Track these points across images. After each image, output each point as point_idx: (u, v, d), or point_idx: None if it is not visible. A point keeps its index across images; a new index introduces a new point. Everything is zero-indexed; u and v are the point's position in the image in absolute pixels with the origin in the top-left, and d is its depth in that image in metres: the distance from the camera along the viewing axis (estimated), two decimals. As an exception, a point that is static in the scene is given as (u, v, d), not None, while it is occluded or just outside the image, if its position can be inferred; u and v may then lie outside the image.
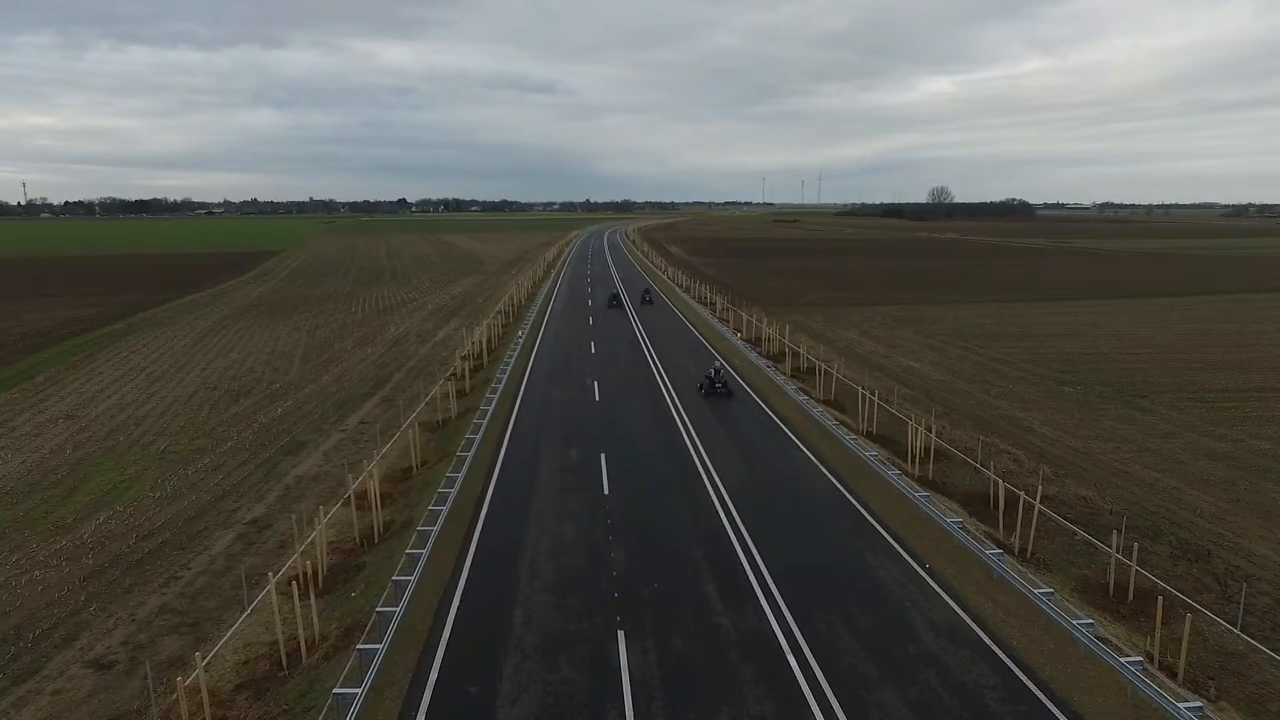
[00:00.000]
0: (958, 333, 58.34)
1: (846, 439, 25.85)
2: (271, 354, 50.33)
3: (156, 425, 33.71)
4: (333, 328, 61.56)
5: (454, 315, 67.99)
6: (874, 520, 20.29)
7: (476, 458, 24.22)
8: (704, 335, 51.52)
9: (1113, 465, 28.67)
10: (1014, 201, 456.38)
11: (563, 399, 33.32)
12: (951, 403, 37.52)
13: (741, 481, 23.13)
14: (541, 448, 26.25)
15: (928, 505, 19.75)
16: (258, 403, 37.69)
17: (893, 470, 22.58)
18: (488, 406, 30.12)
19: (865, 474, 23.44)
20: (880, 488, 22.19)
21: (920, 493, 20.51)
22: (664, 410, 31.66)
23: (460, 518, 20.24)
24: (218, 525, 22.67)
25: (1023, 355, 49.16)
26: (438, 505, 19.95)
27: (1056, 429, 33.53)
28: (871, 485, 22.61)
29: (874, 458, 23.67)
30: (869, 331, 59.68)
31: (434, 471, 24.10)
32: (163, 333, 59.47)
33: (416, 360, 47.37)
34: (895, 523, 20.04)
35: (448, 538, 18.91)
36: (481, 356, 43.64)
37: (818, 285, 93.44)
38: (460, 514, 20.41)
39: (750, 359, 42.42)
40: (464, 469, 22.55)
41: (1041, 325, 62.52)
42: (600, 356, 43.32)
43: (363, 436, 31.38)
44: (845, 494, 22.17)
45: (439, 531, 18.39)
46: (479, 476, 23.05)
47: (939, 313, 70.27)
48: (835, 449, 25.86)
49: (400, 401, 36.86)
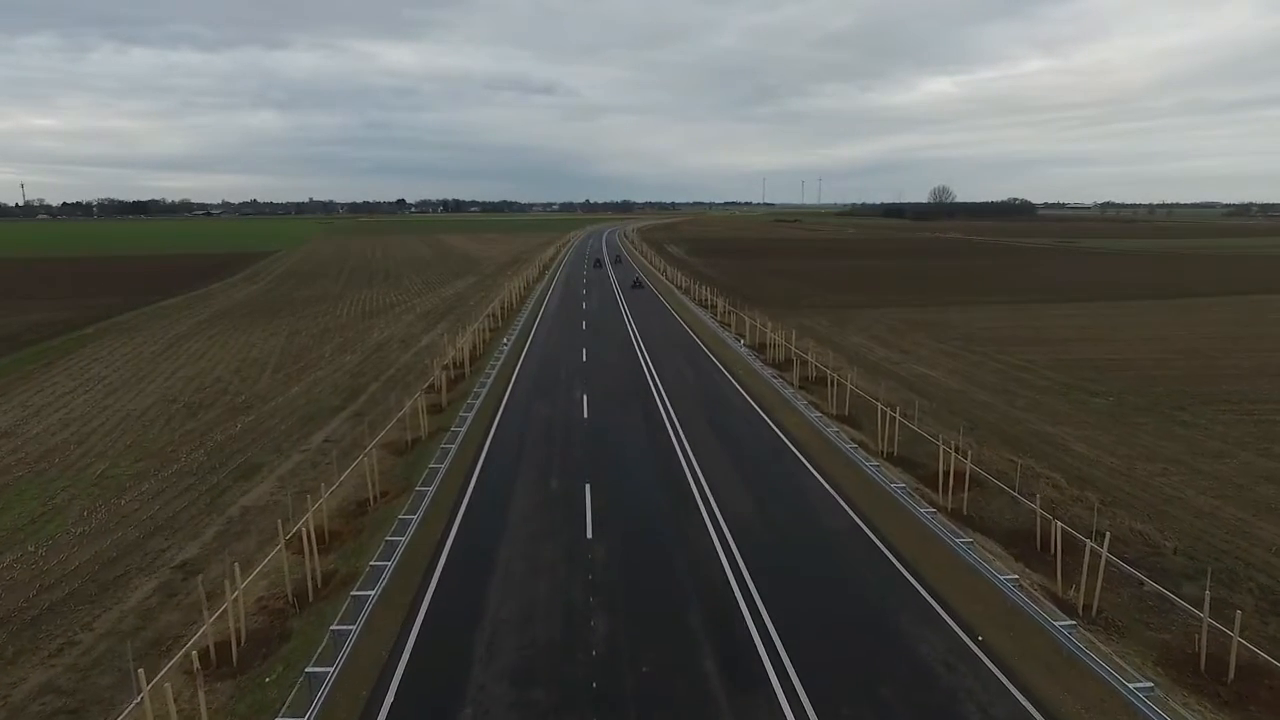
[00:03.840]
0: (971, 337, 55.21)
1: (867, 465, 22.68)
2: (243, 362, 47.18)
3: (100, 444, 30.56)
4: (314, 333, 58.42)
5: (442, 319, 64.85)
6: (907, 572, 17.01)
7: (441, 490, 20.89)
8: (704, 341, 48.36)
9: (1163, 491, 25.52)
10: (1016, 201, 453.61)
11: (547, 416, 30.05)
12: (974, 416, 34.38)
13: (748, 520, 19.88)
14: (518, 478, 22.91)
15: (970, 553, 16.58)
16: (217, 417, 34.54)
17: (925, 508, 19.33)
18: (461, 426, 26.88)
19: (891, 509, 20.18)
20: (910, 527, 18.93)
21: (961, 538, 17.29)
22: (660, 429, 28.43)
23: (410, 572, 16.78)
24: (140, 570, 19.53)
25: (1044, 362, 46.01)
26: (382, 560, 16.57)
27: (1093, 447, 30.38)
28: (899, 523, 19.35)
29: (901, 490, 20.45)
30: (878, 335, 56.54)
31: (392, 506, 20.89)
32: (133, 338, 56.30)
33: (396, 369, 44.22)
34: (933, 574, 16.78)
35: (390, 603, 15.45)
36: (464, 365, 40.43)
37: (821, 286, 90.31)
38: (412, 566, 16.99)
39: (754, 367, 39.26)
40: (423, 506, 19.26)
41: (1059, 328, 59.38)
42: (592, 365, 40.10)
43: (324, 458, 28.22)
44: (870, 536, 18.90)
45: (376, 598, 14.90)
46: (441, 515, 19.69)
47: (950, 315, 67.14)
48: (854, 477, 22.66)
49: (372, 416, 33.71)
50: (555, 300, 69.26)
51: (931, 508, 19.86)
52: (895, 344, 53.01)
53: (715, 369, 39.65)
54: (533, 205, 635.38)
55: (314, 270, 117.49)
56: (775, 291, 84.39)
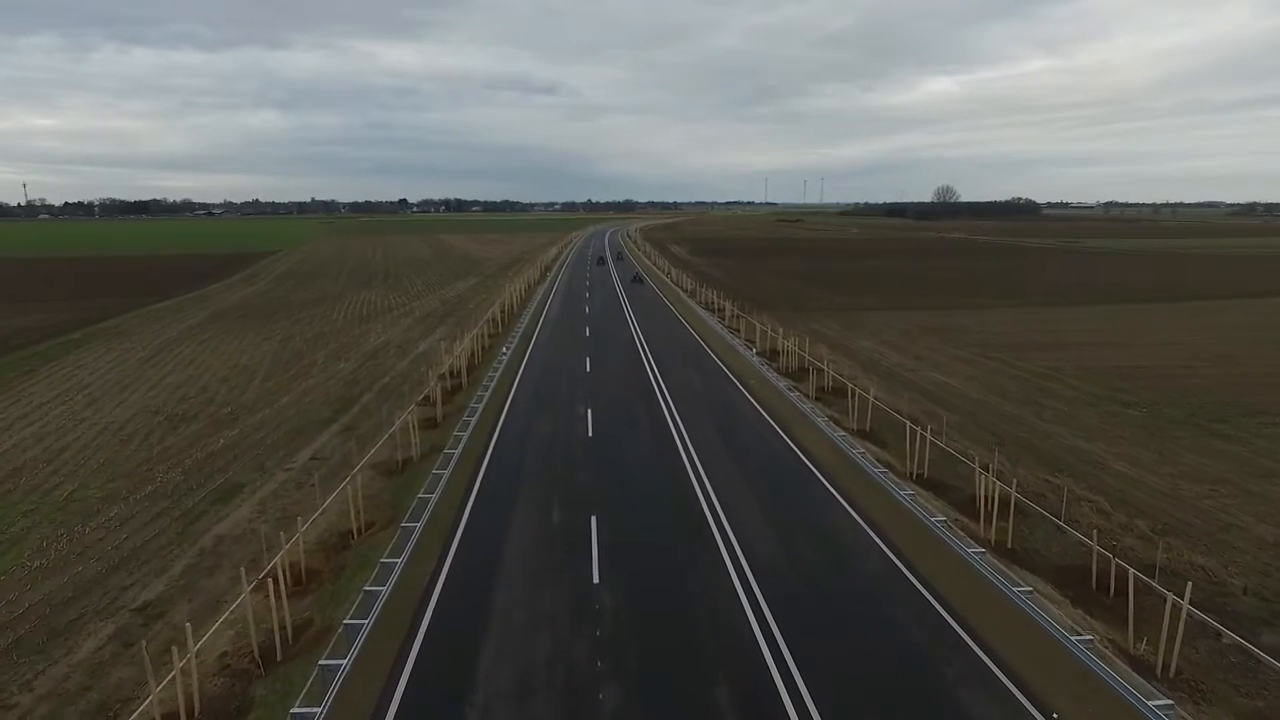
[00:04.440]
0: (987, 342, 53.21)
1: (900, 493, 20.65)
2: (233, 369, 45.26)
3: (72, 462, 28.64)
4: (308, 337, 56.51)
5: (441, 323, 62.96)
6: (961, 629, 14.76)
7: (430, 526, 18.76)
8: (712, 348, 46.38)
9: (1216, 516, 23.54)
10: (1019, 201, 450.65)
11: (549, 434, 27.90)
12: (1001, 430, 32.40)
13: (773, 561, 17.74)
14: (516, 508, 20.77)
15: (1031, 606, 14.55)
16: (200, 431, 32.62)
17: (971, 547, 17.25)
18: (455, 447, 24.82)
19: (932, 547, 18.03)
20: (956, 570, 16.77)
21: (1020, 587, 15.23)
22: (670, 450, 26.32)
23: (390, 634, 14.43)
24: (97, 613, 17.60)
25: (1067, 369, 44.01)
26: (359, 617, 14.36)
27: (1132, 464, 28.40)
28: (944, 565, 17.23)
29: (941, 524, 18.42)
30: (890, 341, 54.56)
31: (377, 540, 18.93)
32: (121, 343, 54.40)
33: (391, 377, 42.28)
34: (990, 631, 14.56)
35: (365, 671, 13.10)
36: (461, 375, 38.44)
37: (828, 288, 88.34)
38: (393, 622, 14.76)
39: (767, 377, 37.26)
40: (409, 547, 17.20)
41: (1076, 333, 57.38)
42: (595, 376, 38.03)
43: (310, 478, 26.28)
44: (913, 582, 16.70)
45: (348, 669, 12.64)
46: (429, 555, 17.54)
47: (962, 319, 65.15)
48: (885, 506, 20.62)
49: (363, 430, 31.81)
50: (557, 304, 67.26)
51: (976, 545, 17.83)
52: (909, 349, 51.05)
53: (726, 379, 37.65)
54: (534, 205, 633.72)
55: (313, 271, 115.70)
56: (782, 294, 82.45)
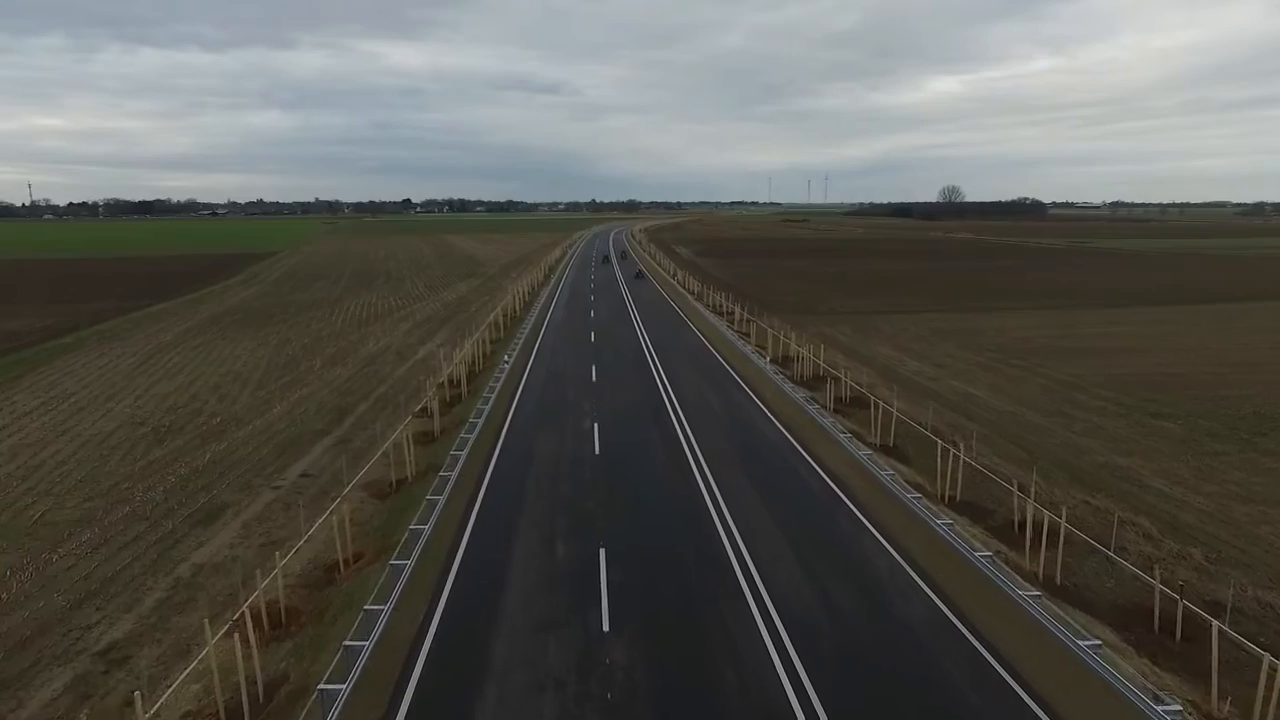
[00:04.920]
0: (1007, 348, 51.45)
1: (937, 523, 18.89)
2: (225, 376, 43.70)
3: (49, 479, 27.07)
4: (304, 342, 54.96)
5: (443, 326, 61.39)
6: (1026, 694, 12.75)
7: (424, 559, 16.99)
8: (723, 355, 44.69)
9: (1273, 543, 21.82)
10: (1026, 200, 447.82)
11: (553, 453, 26.05)
12: (1031, 444, 30.66)
13: (805, 608, 15.71)
14: (517, 540, 18.91)
15: (1102, 662, 12.79)
16: (186, 444, 31.03)
17: (1024, 590, 15.40)
18: (453, 468, 23.01)
19: (978, 586, 15.99)
20: (1009, 615, 14.58)
21: (1088, 640, 13.45)
22: (683, 470, 24.45)
23: (372, 696, 12.57)
24: (55, 658, 16.00)
25: (1092, 377, 42.25)
26: (336, 682, 12.52)
27: (1174, 483, 26.67)
28: (994, 609, 15.12)
29: (987, 560, 16.67)
30: (906, 346, 52.84)
31: (364, 578, 17.22)
32: (111, 349, 52.90)
33: (389, 385, 40.67)
34: (1060, 697, 12.38)
35: None
36: (461, 385, 36.77)
37: (837, 290, 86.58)
38: (376, 682, 12.87)
39: (781, 387, 35.54)
40: (400, 584, 15.49)
41: (1096, 338, 55.57)
42: (602, 386, 36.23)
43: (299, 497, 24.69)
44: (965, 635, 14.64)
45: None
46: (421, 596, 15.69)
47: (977, 322, 63.41)
48: (922, 537, 18.79)
49: (357, 443, 30.20)
50: (561, 308, 65.55)
51: (1026, 583, 16.12)
52: (927, 355, 49.33)
53: (739, 389, 35.91)
54: (538, 205, 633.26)
55: (314, 272, 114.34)
56: (791, 296, 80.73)
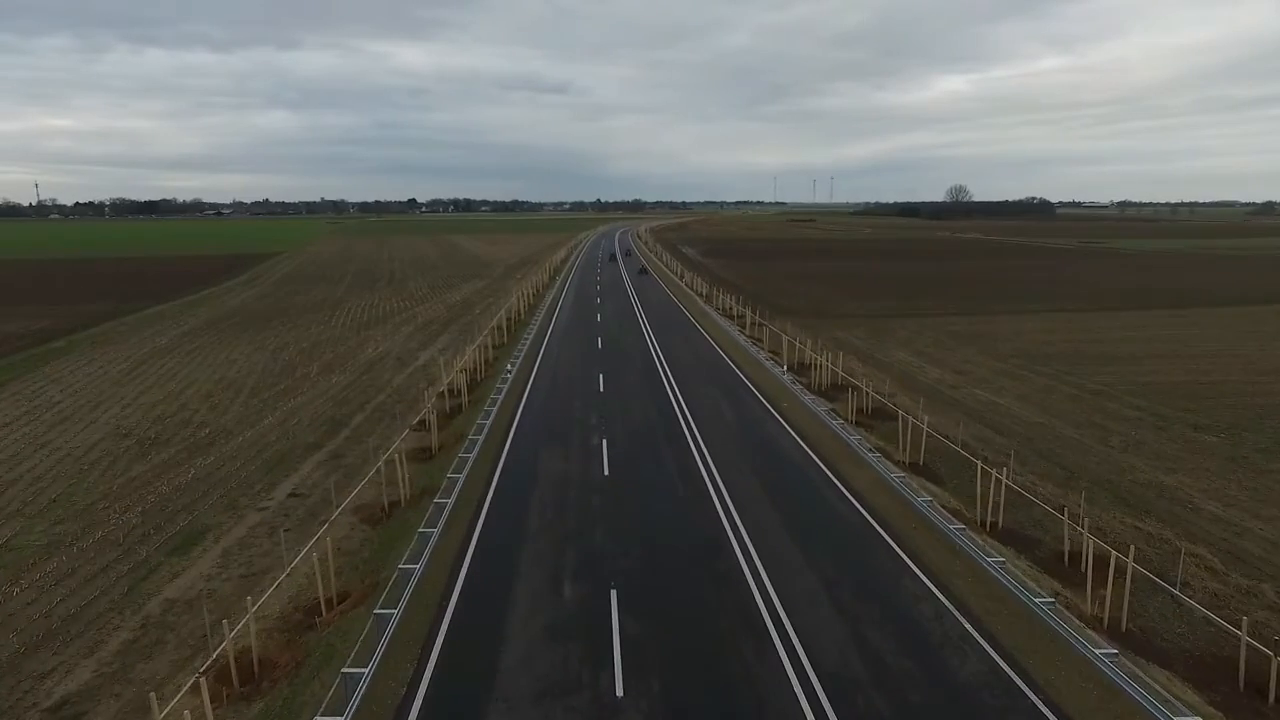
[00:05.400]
0: (1028, 353, 49.52)
1: (987, 560, 16.99)
2: (218, 383, 42.05)
3: (21, 498, 25.41)
4: (303, 346, 53.31)
5: (445, 330, 59.69)
6: None
7: (413, 606, 15.08)
8: (736, 362, 42.88)
9: (1348, 577, 19.92)
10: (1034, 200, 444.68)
11: (559, 474, 24.15)
12: (1066, 460, 28.78)
13: (847, 667, 13.72)
14: (519, 580, 16.98)
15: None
16: (171, 458, 29.36)
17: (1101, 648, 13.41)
18: (450, 493, 21.13)
19: (1042, 639, 13.79)
20: (1083, 677, 12.53)
21: (1187, 717, 11.64)
22: (702, 495, 22.54)
23: None
24: (3, 712, 14.29)
25: (1124, 386, 40.32)
26: None
27: (1227, 504, 24.76)
28: (1064, 669, 13.02)
29: (1048, 607, 14.78)
30: (924, 351, 50.93)
31: (347, 624, 15.45)
32: (103, 353, 51.33)
33: (387, 394, 38.96)
34: None
35: None
36: (462, 394, 34.98)
37: (849, 292, 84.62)
38: None
39: (800, 398, 33.68)
40: (384, 641, 13.61)
41: (1121, 343, 53.57)
42: (610, 397, 34.29)
43: (286, 520, 22.99)
44: (1028, 694, 12.76)
45: None
46: (407, 655, 13.72)
47: (996, 326, 61.43)
48: (971, 577, 16.72)
49: (351, 459, 28.49)
50: (567, 312, 63.70)
51: (1101, 639, 14.19)
52: (946, 362, 47.40)
53: (755, 400, 34.06)
54: (544, 205, 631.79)
55: (316, 273, 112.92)
56: (801, 298, 78.85)
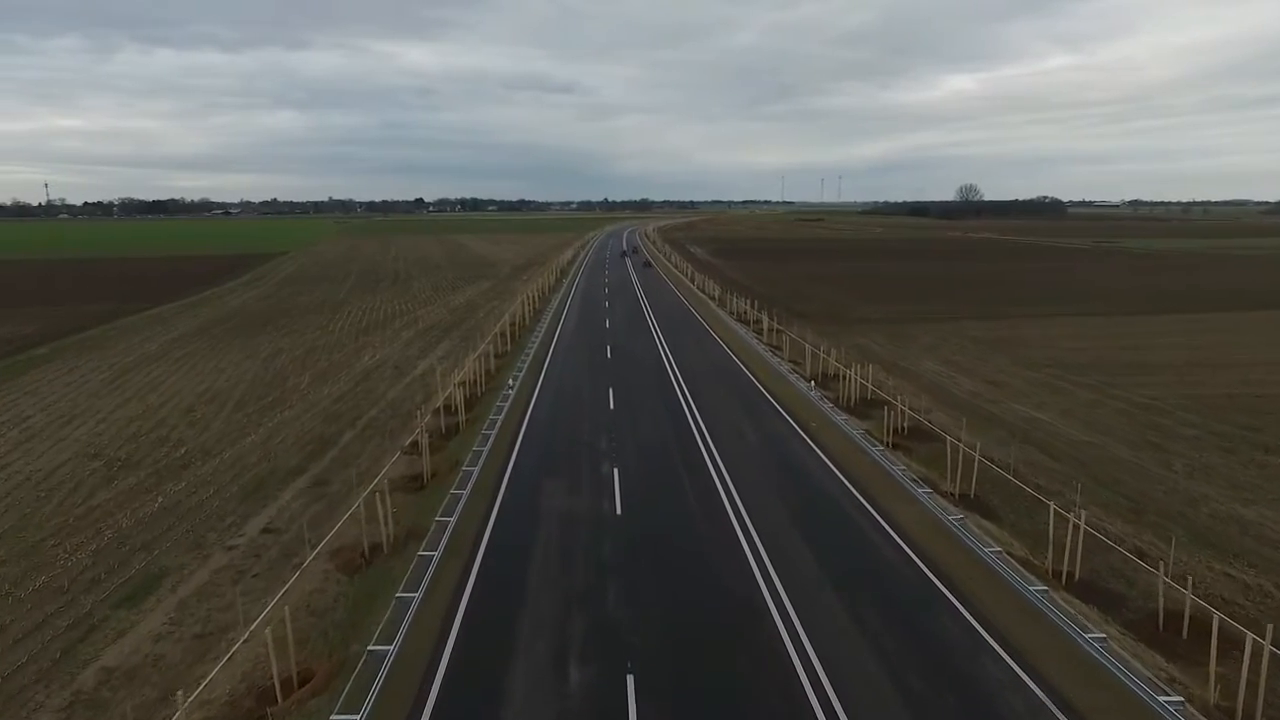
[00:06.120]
0: (1062, 362, 46.53)
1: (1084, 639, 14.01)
2: (202, 395, 39.49)
3: (-34, 532, 22.83)
4: (297, 353, 50.75)
5: (447, 335, 57.07)
6: None
7: (386, 693, 12.44)
8: (755, 374, 40.07)
9: None
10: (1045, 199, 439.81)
11: (565, 513, 21.15)
12: (1128, 489, 25.88)
13: None
14: (515, 657, 14.00)
15: None
16: (140, 484, 26.75)
17: None
18: (438, 542, 18.16)
19: None
20: None
21: None
22: (731, 542, 19.46)
23: None
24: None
25: (1173, 399, 37.35)
26: None
27: (1320, 545, 21.85)
28: None
29: (1177, 709, 11.99)
30: (951, 359, 47.98)
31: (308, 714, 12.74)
32: (88, 360, 48.87)
33: (381, 408, 36.30)
34: None
35: None
36: (459, 412, 32.20)
37: (865, 294, 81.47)
38: None
39: (829, 416, 30.76)
40: None
41: (1159, 349, 50.52)
42: (622, 416, 31.35)
43: (257, 561, 20.33)
44: None
45: None
46: None
47: (1024, 331, 58.38)
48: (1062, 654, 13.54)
49: (335, 487, 25.80)
50: (573, 317, 60.86)
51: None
52: (977, 371, 44.48)
53: (779, 419, 31.17)
54: (551, 204, 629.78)
55: (319, 274, 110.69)
56: (816, 301, 75.88)
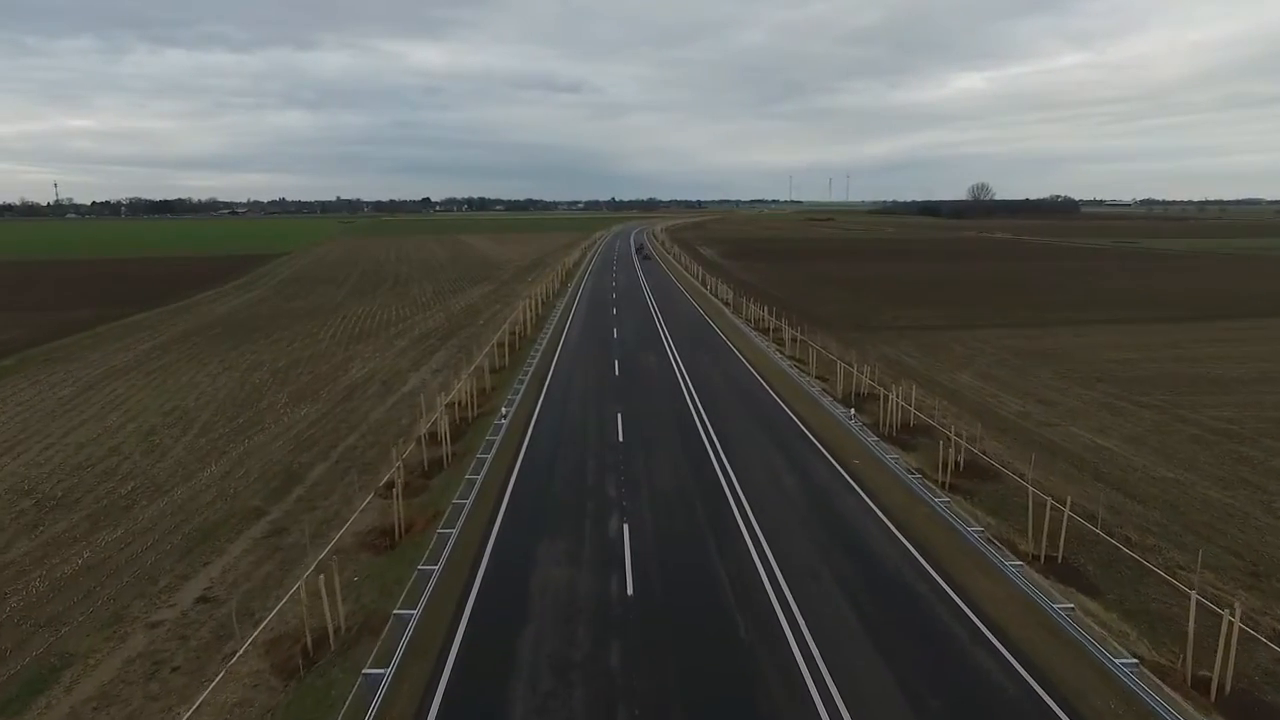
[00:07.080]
0: (1115, 377, 42.28)
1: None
2: (167, 416, 35.67)
3: None
4: (279, 366, 46.93)
5: (443, 345, 53.18)
6: None
7: None
8: (780, 393, 36.00)
9: None
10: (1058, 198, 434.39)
11: (563, 593, 16.76)
12: (1235, 543, 21.73)
13: None
14: None
15: None
16: (70, 530, 22.88)
17: None
18: (402, 632, 14.23)
19: None
20: None
21: None
22: (775, 638, 15.39)
23: None
24: None
25: (1253, 422, 33.17)
26: None
27: None
28: None
29: None
30: (989, 373, 43.73)
31: None
32: (51, 374, 45.14)
33: (361, 433, 32.37)
34: None
35: None
36: (445, 443, 28.00)
37: (886, 298, 76.99)
38: None
39: (876, 455, 26.28)
40: None
41: (1220, 361, 46.18)
42: (633, 452, 26.77)
43: (182, 647, 16.41)
44: None
45: None
46: None
47: (1061, 339, 54.08)
48: None
49: (294, 537, 21.86)
50: (578, 326, 56.72)
51: None
52: (1021, 387, 40.25)
53: (816, 455, 26.80)
54: (558, 204, 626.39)
55: (318, 276, 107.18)
56: (836, 306, 71.58)
